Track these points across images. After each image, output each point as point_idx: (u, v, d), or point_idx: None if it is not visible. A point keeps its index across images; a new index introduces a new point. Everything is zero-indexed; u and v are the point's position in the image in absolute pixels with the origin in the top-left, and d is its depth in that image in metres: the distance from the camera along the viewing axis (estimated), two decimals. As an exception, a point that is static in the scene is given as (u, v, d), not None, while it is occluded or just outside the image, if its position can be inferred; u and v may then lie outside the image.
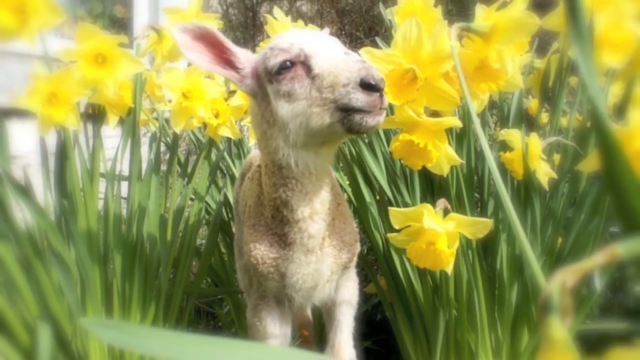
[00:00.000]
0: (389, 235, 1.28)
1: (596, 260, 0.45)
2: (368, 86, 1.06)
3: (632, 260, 0.47)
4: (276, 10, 2.04)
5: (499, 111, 1.88)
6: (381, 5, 1.86)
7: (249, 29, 7.54)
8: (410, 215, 1.19)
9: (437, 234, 1.14)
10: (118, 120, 1.62)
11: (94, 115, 1.60)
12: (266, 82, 1.21)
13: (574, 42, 0.45)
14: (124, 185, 1.67)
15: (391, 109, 1.35)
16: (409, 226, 1.20)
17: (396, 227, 1.22)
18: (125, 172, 1.68)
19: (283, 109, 1.17)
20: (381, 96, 1.08)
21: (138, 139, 1.63)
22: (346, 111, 1.08)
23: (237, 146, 2.35)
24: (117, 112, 1.59)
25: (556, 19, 1.50)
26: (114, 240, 1.54)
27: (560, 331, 0.43)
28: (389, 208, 1.22)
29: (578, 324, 1.63)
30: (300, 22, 2.09)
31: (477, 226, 1.18)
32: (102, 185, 1.59)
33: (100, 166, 1.58)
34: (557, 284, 0.45)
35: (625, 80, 1.48)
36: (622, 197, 0.46)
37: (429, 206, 1.17)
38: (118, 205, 1.58)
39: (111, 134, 1.79)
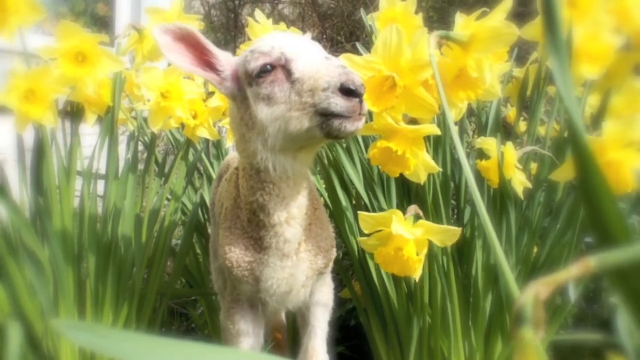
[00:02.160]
0: (360, 239, 1.28)
1: (570, 273, 0.46)
2: (348, 91, 1.06)
3: (605, 272, 0.47)
4: (257, 13, 2.03)
5: (477, 119, 1.90)
6: (362, 11, 1.87)
7: (230, 31, 7.51)
8: (380, 220, 1.19)
9: (405, 240, 1.14)
10: (96, 119, 1.60)
11: (72, 113, 1.58)
12: (246, 85, 1.20)
13: (551, 53, 0.46)
14: (101, 184, 1.65)
15: (370, 115, 1.36)
16: (379, 231, 1.20)
17: (365, 231, 1.22)
18: (102, 171, 1.66)
19: (262, 112, 1.16)
20: (361, 102, 1.07)
21: (116, 137, 1.61)
22: (325, 116, 1.08)
23: (216, 147, 2.33)
24: (96, 111, 1.57)
25: (535, 29, 1.52)
26: (88, 240, 1.52)
27: (532, 343, 0.43)
28: (359, 212, 1.22)
29: (552, 334, 1.65)
30: (282, 25, 2.09)
31: (446, 234, 1.18)
32: (78, 183, 1.57)
33: (77, 164, 1.56)
34: (530, 296, 0.45)
35: (601, 92, 1.50)
36: (596, 209, 0.47)
37: (398, 212, 1.17)
38: (94, 204, 1.56)
39: (89, 132, 1.77)
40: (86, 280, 1.53)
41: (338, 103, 1.06)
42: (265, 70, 1.15)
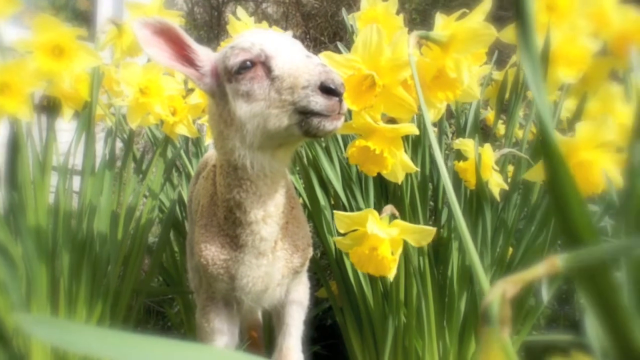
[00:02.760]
0: (336, 238, 1.28)
1: (537, 272, 0.46)
2: (328, 90, 1.06)
3: (572, 272, 0.48)
4: (239, 11, 2.02)
5: (456, 121, 1.91)
6: (344, 11, 1.87)
7: (213, 29, 7.47)
8: (356, 219, 1.19)
9: (380, 239, 1.14)
10: (73, 114, 1.58)
11: (49, 107, 1.55)
12: (225, 81, 1.20)
13: (524, 56, 0.46)
14: (77, 181, 1.62)
15: (349, 114, 1.36)
16: (355, 230, 1.20)
17: (341, 230, 1.23)
18: (79, 167, 1.63)
19: (241, 109, 1.15)
20: (340, 101, 1.08)
21: (93, 133, 1.59)
22: (304, 114, 1.08)
23: (195, 145, 2.32)
24: (73, 106, 1.55)
25: (514, 32, 1.53)
26: (62, 236, 1.49)
27: (498, 340, 0.44)
28: (335, 212, 1.22)
29: (525, 334, 1.67)
30: (265, 24, 2.09)
31: (422, 233, 1.19)
32: (54, 179, 1.54)
33: (53, 159, 1.53)
34: (497, 294, 0.46)
35: (578, 95, 1.52)
36: (564, 209, 0.47)
37: (374, 212, 1.17)
38: (69, 200, 1.53)
39: (66, 128, 1.74)
40: (60, 278, 1.51)
41: (318, 101, 1.06)
42: (245, 67, 1.14)
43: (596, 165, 1.00)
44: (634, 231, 0.55)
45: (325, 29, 7.12)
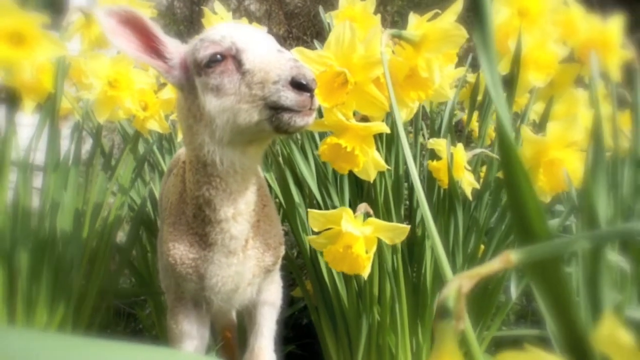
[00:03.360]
0: (310, 237, 1.27)
1: (492, 266, 0.46)
2: (299, 85, 1.04)
3: (525, 267, 0.48)
4: (216, 4, 2.00)
5: (431, 121, 1.92)
6: (321, 9, 1.86)
7: (194, 24, 7.40)
8: (330, 218, 1.18)
9: (355, 237, 1.13)
10: (36, 107, 1.52)
11: (8, 99, 1.49)
12: (195, 75, 1.17)
13: (480, 51, 0.46)
14: (40, 177, 1.57)
15: (320, 111, 1.35)
16: (329, 229, 1.19)
17: (315, 229, 1.21)
18: (42, 163, 1.58)
19: (211, 103, 1.13)
20: (312, 97, 1.05)
21: (57, 126, 1.53)
22: (275, 109, 1.06)
23: (168, 141, 2.28)
24: (35, 98, 1.48)
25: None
26: (21, 235, 1.43)
27: (452, 334, 0.43)
28: (309, 210, 1.21)
29: (495, 330, 1.69)
30: (245, 21, 2.06)
31: (395, 231, 1.18)
32: (13, 175, 1.48)
33: (12, 154, 1.47)
34: (453, 288, 0.45)
35: (545, 99, 1.54)
36: (519, 206, 0.47)
37: (348, 210, 1.16)
38: (29, 197, 1.47)
39: (30, 123, 1.68)
40: (17, 279, 1.45)
41: (288, 97, 1.04)
42: (215, 60, 1.12)
43: (566, 164, 1.00)
44: (587, 227, 0.55)
45: (308, 28, 7.11)
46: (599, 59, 1.61)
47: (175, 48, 1.22)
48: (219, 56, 1.12)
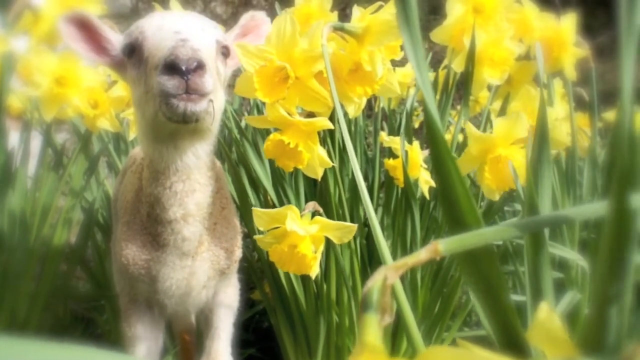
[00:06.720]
0: (256, 237, 1.24)
1: (419, 257, 0.44)
2: (170, 67, 0.96)
3: (455, 257, 0.46)
4: (172, 2, 1.95)
5: (389, 121, 1.92)
6: (277, 5, 1.84)
7: (158, 26, 7.30)
8: (275, 216, 1.15)
9: (300, 237, 1.10)
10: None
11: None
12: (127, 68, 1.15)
13: (404, 32, 0.44)
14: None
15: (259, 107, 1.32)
16: (276, 228, 1.17)
17: (261, 228, 1.18)
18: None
19: (133, 97, 1.11)
20: (187, 80, 0.97)
21: (2, 124, 1.47)
22: (161, 97, 0.99)
23: (125, 141, 2.21)
24: (-25, 96, 1.43)
25: (444, 32, 1.55)
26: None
27: (373, 330, 0.41)
28: (253, 208, 1.17)
29: (455, 330, 1.69)
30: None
31: (343, 230, 1.15)
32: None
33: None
34: (378, 280, 0.43)
35: (501, 96, 1.56)
36: (448, 194, 0.45)
37: (294, 208, 1.13)
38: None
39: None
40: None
41: (161, 81, 0.97)
42: (130, 52, 1.09)
43: (513, 161, 1.00)
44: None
45: (274, 30, 7.07)
46: (554, 57, 1.64)
47: (118, 43, 1.18)
48: (131, 48, 1.08)
